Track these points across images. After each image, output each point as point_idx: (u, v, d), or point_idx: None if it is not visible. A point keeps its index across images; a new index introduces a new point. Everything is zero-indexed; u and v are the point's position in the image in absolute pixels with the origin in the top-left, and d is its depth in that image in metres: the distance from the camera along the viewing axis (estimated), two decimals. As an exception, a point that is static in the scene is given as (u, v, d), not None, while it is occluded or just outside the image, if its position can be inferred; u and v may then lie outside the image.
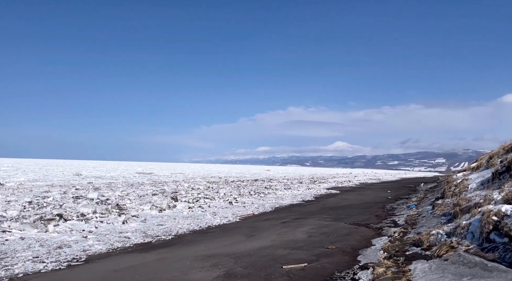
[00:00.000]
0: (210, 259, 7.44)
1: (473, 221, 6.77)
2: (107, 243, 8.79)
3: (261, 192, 22.86)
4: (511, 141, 15.66)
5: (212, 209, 15.02)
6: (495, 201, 7.71)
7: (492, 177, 11.34)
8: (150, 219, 12.20)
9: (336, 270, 6.65)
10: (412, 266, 6.18)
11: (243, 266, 6.94)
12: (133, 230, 10.43)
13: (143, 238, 9.47)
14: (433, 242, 7.12)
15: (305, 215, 13.88)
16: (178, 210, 14.28)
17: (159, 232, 10.33)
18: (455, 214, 9.12)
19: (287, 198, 20.58)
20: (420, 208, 14.61)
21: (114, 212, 12.55)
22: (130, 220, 11.54)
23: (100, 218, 11.67)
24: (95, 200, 15.20)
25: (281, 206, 16.79)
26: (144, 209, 13.79)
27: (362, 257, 7.55)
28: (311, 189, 27.99)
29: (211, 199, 17.84)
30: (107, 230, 10.23)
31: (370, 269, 6.40)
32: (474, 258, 5.62)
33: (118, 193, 18.39)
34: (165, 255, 7.85)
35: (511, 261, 5.17)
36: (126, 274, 6.49)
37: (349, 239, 9.39)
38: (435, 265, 5.93)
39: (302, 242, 9.11)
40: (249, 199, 18.91)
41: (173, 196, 17.13)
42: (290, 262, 7.11)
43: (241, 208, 15.74)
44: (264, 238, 9.55)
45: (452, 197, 12.24)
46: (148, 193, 19.00)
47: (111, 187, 22.97)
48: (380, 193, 25.32)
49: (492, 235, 6.00)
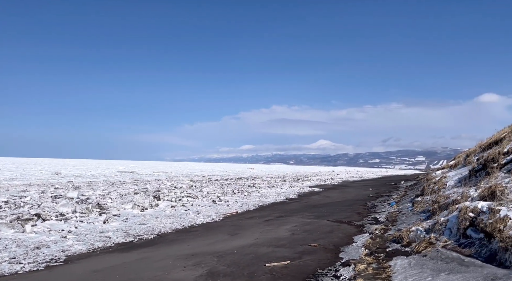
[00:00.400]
0: (193, 258, 7.40)
1: (451, 218, 6.95)
2: (87, 243, 8.63)
3: (245, 190, 22.87)
4: (487, 140, 16.14)
5: (195, 207, 14.94)
6: (472, 198, 7.94)
7: (469, 175, 11.67)
8: (132, 218, 12.04)
9: (319, 267, 6.72)
10: (392, 262, 6.31)
11: (226, 264, 6.94)
12: (114, 229, 10.27)
13: (125, 238, 9.33)
14: (413, 239, 7.28)
15: (288, 213, 13.96)
16: (161, 209, 14.14)
17: (141, 231, 10.20)
18: (433, 211, 9.34)
19: (270, 196, 20.65)
20: (401, 205, 14.91)
21: (94, 212, 12.32)
22: (111, 220, 11.35)
23: (80, 217, 11.44)
24: (75, 200, 14.88)
25: (265, 204, 16.84)
26: (126, 208, 13.59)
27: (344, 254, 7.65)
28: (294, 187, 28.17)
29: (194, 197, 17.73)
30: (87, 229, 10.04)
31: (352, 265, 6.50)
32: (452, 254, 5.77)
33: (99, 192, 18.06)
34: (147, 254, 7.76)
35: (486, 256, 5.33)
36: (106, 274, 6.39)
37: (331, 237, 9.50)
38: (414, 261, 6.07)
39: (285, 240, 9.17)
40: (233, 198, 18.89)
41: (156, 195, 16.94)
42: (273, 260, 7.15)
43: (225, 206, 15.71)
44: (248, 236, 9.56)
45: (431, 194, 12.54)
46: (130, 192, 18.73)
47: (91, 186, 22.53)
48: (362, 191, 25.70)
49: (469, 231, 6.17)
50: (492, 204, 6.23)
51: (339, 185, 33.87)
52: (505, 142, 12.27)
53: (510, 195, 6.51)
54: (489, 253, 5.33)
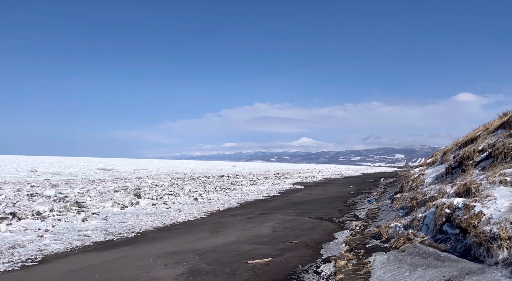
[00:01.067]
0: (174, 256, 7.34)
1: (428, 214, 7.13)
2: (65, 242, 8.44)
3: (227, 188, 22.83)
4: (463, 138, 16.62)
5: (176, 205, 14.81)
6: (448, 194, 8.17)
7: (446, 172, 12.00)
8: (112, 216, 11.83)
9: (300, 263, 6.78)
10: (372, 258, 6.43)
11: (208, 262, 6.91)
12: (93, 228, 10.08)
13: (104, 236, 9.17)
14: (392, 235, 7.44)
15: (270, 210, 14.02)
16: (142, 207, 13.95)
17: (121, 229, 10.05)
18: (412, 207, 9.57)
19: (253, 193, 20.68)
20: (380, 202, 15.20)
21: (73, 210, 12.05)
22: (90, 218, 11.13)
23: (58, 216, 11.16)
24: (53, 198, 14.50)
25: (247, 202, 16.86)
26: (106, 206, 13.34)
27: (325, 250, 7.75)
28: (276, 184, 28.30)
29: (176, 195, 17.58)
30: (65, 228, 9.81)
31: (332, 262, 6.59)
32: (429, 249, 5.93)
33: (77, 190, 17.66)
34: (127, 253, 7.65)
35: (461, 251, 5.50)
36: (84, 273, 6.27)
37: (312, 233, 9.60)
38: (393, 256, 6.21)
39: (267, 237, 9.21)
40: (215, 195, 18.83)
41: (136, 193, 16.70)
42: (255, 257, 7.17)
43: (207, 204, 15.64)
44: (230, 234, 9.55)
45: (410, 191, 12.83)
46: (110, 190, 18.40)
47: (70, 183, 22.01)
48: (343, 188, 26.06)
49: (445, 227, 6.35)
50: (467, 201, 6.43)
51: (320, 182, 34.23)
52: (480, 140, 12.67)
53: (484, 191, 6.73)
54: (464, 248, 5.50)
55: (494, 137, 11.77)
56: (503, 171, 7.60)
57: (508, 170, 7.58)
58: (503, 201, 5.98)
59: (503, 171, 7.56)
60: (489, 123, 15.57)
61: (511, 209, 5.60)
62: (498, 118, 14.56)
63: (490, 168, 8.46)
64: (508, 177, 7.22)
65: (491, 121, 15.38)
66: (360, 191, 23.41)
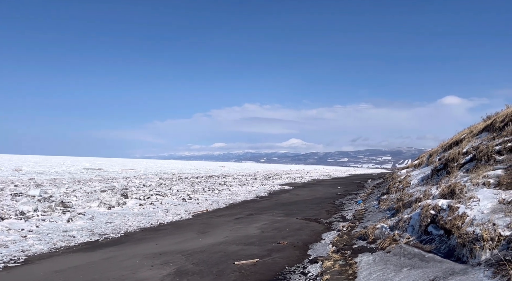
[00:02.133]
0: (161, 257, 7.28)
1: (414, 215, 7.23)
2: (50, 242, 8.30)
3: (216, 188, 22.76)
4: (448, 140, 16.91)
5: (164, 206, 14.70)
6: (433, 196, 8.30)
7: (431, 174, 12.19)
8: (98, 216, 11.68)
9: (287, 264, 6.80)
10: (358, 259, 6.49)
11: (195, 263, 6.88)
12: (78, 228, 9.93)
13: (90, 237, 9.05)
14: (378, 236, 7.52)
15: (258, 211, 14.03)
16: (129, 207, 13.81)
17: (107, 230, 9.93)
18: (398, 208, 9.68)
19: (241, 194, 20.67)
20: (367, 203, 15.35)
21: (58, 210, 11.85)
22: (75, 218, 10.97)
23: (42, 216, 10.97)
24: (37, 197, 14.24)
25: (235, 202, 16.83)
26: (92, 206, 13.17)
27: (312, 251, 7.79)
28: (265, 185, 28.33)
29: (164, 195, 17.45)
30: (49, 229, 9.65)
31: (319, 262, 6.63)
32: (414, 250, 6.01)
33: (63, 190, 17.38)
34: (113, 253, 7.56)
35: (445, 252, 5.59)
36: (69, 274, 6.17)
37: (300, 234, 9.64)
38: (378, 257, 6.27)
39: (255, 237, 9.21)
40: (203, 196, 18.75)
41: (123, 193, 16.52)
42: (242, 258, 7.16)
43: (195, 204, 15.57)
44: (217, 235, 9.52)
45: (396, 192, 12.99)
46: (97, 190, 18.16)
47: (55, 183, 21.65)
48: (331, 189, 26.24)
49: (430, 228, 6.45)
50: (452, 202, 6.54)
51: (309, 183, 34.40)
52: (465, 142, 12.90)
53: (468, 193, 6.85)
54: (448, 249, 5.59)
55: (478, 140, 12.00)
56: (487, 173, 7.75)
57: (491, 172, 7.74)
58: (486, 202, 6.10)
59: (487, 173, 7.72)
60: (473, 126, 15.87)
61: (493, 211, 5.71)
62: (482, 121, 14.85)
63: (474, 170, 8.62)
64: (491, 179, 7.37)
65: (476, 124, 15.69)
66: (348, 192, 23.60)
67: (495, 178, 7.32)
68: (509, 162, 8.05)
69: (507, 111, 11.84)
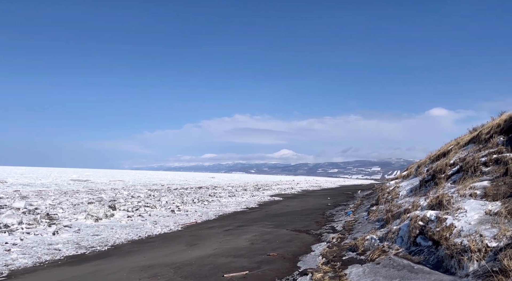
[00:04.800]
0: (149, 270, 7.16)
1: (402, 226, 7.27)
2: (34, 256, 8.09)
3: (205, 199, 22.58)
4: (436, 152, 17.15)
5: (153, 217, 14.51)
6: (422, 207, 8.37)
7: (420, 185, 12.31)
8: (85, 229, 11.46)
9: (277, 277, 6.74)
10: (348, 271, 6.47)
11: (184, 276, 6.78)
12: (64, 241, 9.72)
13: (76, 250, 8.86)
14: (368, 247, 7.53)
15: (248, 222, 13.94)
16: (116, 219, 13.59)
17: (94, 242, 9.73)
18: (387, 219, 9.73)
19: (231, 205, 20.53)
20: (357, 214, 15.39)
21: (43, 223, 11.60)
22: (61, 231, 10.74)
23: (27, 229, 10.72)
24: (22, 210, 13.93)
25: (225, 214, 16.71)
26: (79, 218, 12.92)
27: (302, 263, 7.75)
28: (255, 196, 28.22)
29: (152, 207, 17.24)
30: (34, 242, 9.42)
31: (309, 275, 6.59)
32: (403, 261, 6.03)
33: (49, 202, 17.05)
34: (100, 267, 7.41)
35: (434, 263, 5.62)
36: (54, 289, 6.01)
37: (290, 246, 9.59)
38: (368, 268, 6.27)
39: (244, 249, 9.13)
40: (192, 207, 18.57)
41: (111, 205, 16.27)
42: (232, 270, 7.08)
43: (184, 216, 15.40)
44: (207, 247, 9.42)
45: (385, 203, 13.07)
46: (84, 202, 17.86)
47: (41, 195, 21.24)
48: (321, 200, 26.26)
49: (419, 239, 6.49)
50: (440, 213, 6.61)
51: (299, 194, 34.38)
52: (452, 154, 13.10)
53: (456, 204, 6.94)
54: (436, 260, 5.63)
55: (464, 151, 12.21)
56: (473, 184, 7.87)
57: (478, 183, 7.86)
58: (473, 213, 6.18)
59: (473, 185, 7.83)
60: (460, 137, 16.16)
61: (480, 222, 5.79)
62: (468, 133, 15.14)
63: (461, 182, 8.75)
64: (477, 190, 7.48)
65: (462, 136, 15.98)
66: (338, 203, 23.65)
67: (482, 189, 7.44)
68: (495, 173, 8.19)
69: (492, 123, 12.10)
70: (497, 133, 10.86)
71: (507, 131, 10.54)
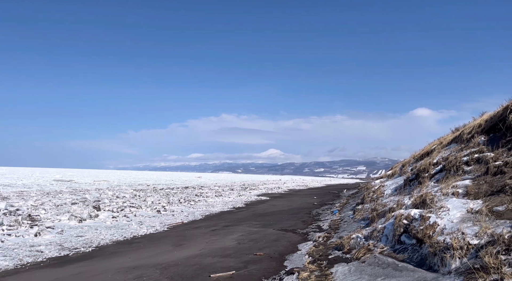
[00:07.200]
0: (134, 271, 7.08)
1: (387, 225, 7.37)
2: (15, 258, 7.91)
3: (192, 199, 22.45)
4: (420, 151, 17.46)
5: (138, 218, 14.35)
6: (406, 206, 8.51)
7: (404, 184, 12.51)
8: (68, 230, 11.26)
9: (263, 276, 6.75)
10: (334, 269, 6.53)
11: (170, 276, 6.72)
12: (47, 242, 9.53)
13: (59, 251, 8.69)
14: (353, 246, 7.61)
15: (235, 222, 13.92)
16: (101, 219, 13.39)
17: (78, 244, 9.57)
18: (372, 218, 9.86)
19: (218, 205, 20.47)
20: (343, 213, 15.54)
21: (25, 224, 11.35)
22: (44, 232, 10.52)
23: (8, 230, 10.46)
24: (2, 211, 13.59)
25: (212, 214, 16.64)
26: (62, 219, 12.68)
27: (288, 262, 7.78)
28: (242, 196, 28.19)
29: (138, 207, 17.04)
30: (15, 243, 9.20)
31: (296, 274, 6.62)
32: (387, 259, 6.11)
33: (31, 203, 16.68)
34: (84, 269, 7.29)
35: (418, 261, 5.72)
36: (36, 292, 5.89)
37: (277, 245, 9.62)
38: (354, 267, 6.34)
39: (231, 249, 9.11)
40: (179, 207, 18.44)
41: (96, 205, 16.02)
42: (218, 270, 7.06)
43: (170, 216, 15.28)
44: (193, 247, 9.36)
45: (371, 202, 13.23)
46: (67, 202, 17.53)
47: (22, 196, 20.75)
48: (307, 199, 26.41)
49: (403, 237, 6.59)
50: (423, 212, 6.72)
51: (285, 193, 34.50)
52: (435, 153, 13.36)
53: (439, 203, 7.07)
54: (420, 258, 5.72)
55: (447, 151, 12.46)
56: (456, 183, 8.04)
57: (460, 182, 8.03)
58: (456, 212, 6.31)
59: (456, 184, 8.00)
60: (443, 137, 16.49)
61: (462, 220, 5.91)
62: (451, 133, 15.45)
63: (444, 181, 8.92)
64: (460, 189, 7.64)
65: (445, 136, 16.30)
66: (324, 202, 23.82)
67: (464, 188, 7.60)
68: (476, 172, 8.38)
69: (474, 124, 12.39)
70: (479, 133, 11.12)
71: (488, 131, 10.80)
